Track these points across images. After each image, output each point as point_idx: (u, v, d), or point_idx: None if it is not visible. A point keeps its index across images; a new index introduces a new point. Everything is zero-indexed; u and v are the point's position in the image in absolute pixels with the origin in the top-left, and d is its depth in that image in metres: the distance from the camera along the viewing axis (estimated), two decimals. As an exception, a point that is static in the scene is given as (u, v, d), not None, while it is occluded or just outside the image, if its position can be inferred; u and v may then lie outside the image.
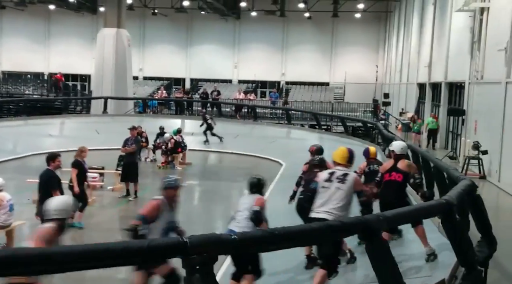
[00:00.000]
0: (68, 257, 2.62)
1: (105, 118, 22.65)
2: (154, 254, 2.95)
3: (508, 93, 14.70)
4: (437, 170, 7.82)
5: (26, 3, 38.82)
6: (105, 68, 24.94)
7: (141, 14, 43.53)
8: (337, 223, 3.95)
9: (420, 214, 5.04)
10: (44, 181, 8.63)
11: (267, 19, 42.41)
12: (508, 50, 14.60)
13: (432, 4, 26.53)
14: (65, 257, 2.62)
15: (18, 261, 2.48)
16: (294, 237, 3.53)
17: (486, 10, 17.29)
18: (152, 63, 45.11)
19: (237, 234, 3.38)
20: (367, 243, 3.92)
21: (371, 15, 42.35)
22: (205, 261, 3.04)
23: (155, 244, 2.96)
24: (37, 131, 20.46)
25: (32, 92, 34.88)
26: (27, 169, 16.46)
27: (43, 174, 8.78)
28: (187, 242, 2.98)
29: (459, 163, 18.01)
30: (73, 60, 44.58)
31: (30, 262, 2.52)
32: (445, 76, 23.02)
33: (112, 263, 2.79)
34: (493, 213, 8.12)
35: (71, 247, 2.68)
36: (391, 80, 40.51)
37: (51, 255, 2.59)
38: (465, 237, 4.91)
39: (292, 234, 3.51)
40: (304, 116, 27.63)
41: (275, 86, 42.82)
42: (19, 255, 2.50)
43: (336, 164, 6.08)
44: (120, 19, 25.17)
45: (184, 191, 14.79)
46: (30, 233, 9.94)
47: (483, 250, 5.58)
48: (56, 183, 8.68)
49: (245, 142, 20.67)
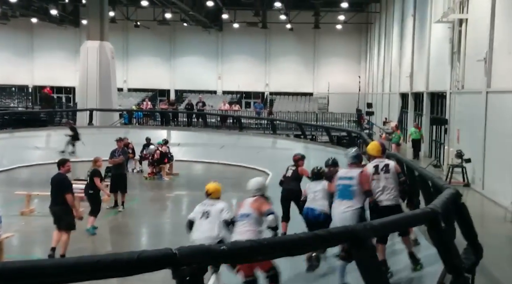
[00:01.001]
0: (60, 270, 2.62)
1: (91, 130, 22.55)
2: (144, 266, 2.96)
3: (488, 103, 14.96)
4: (422, 178, 7.90)
5: (9, 16, 38.58)
6: (89, 80, 24.86)
7: (123, 27, 43.52)
8: (325, 233, 3.99)
9: (406, 223, 5.10)
10: (57, 184, 9.02)
11: (250, 31, 42.72)
12: (487, 61, 14.88)
13: (412, 16, 26.94)
14: (57, 270, 2.61)
15: (9, 275, 2.47)
16: (283, 247, 3.56)
17: (464, 21, 17.59)
18: (136, 75, 45.05)
19: (226, 245, 3.40)
20: (355, 252, 3.96)
21: (352, 26, 42.88)
22: (194, 272, 3.06)
23: (145, 255, 2.96)
24: (23, 143, 20.34)
25: (17, 104, 34.58)
26: (14, 181, 16.33)
27: (55, 177, 9.12)
28: (177, 253, 2.99)
29: (443, 171, 18.22)
30: (57, 72, 44.36)
31: (21, 275, 2.51)
32: (426, 86, 23.33)
33: (103, 275, 2.79)
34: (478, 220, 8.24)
35: (63, 260, 2.68)
36: (373, 90, 40.94)
37: (43, 268, 2.58)
38: (451, 245, 4.98)
39: (280, 244, 3.54)
40: (289, 126, 27.75)
41: (260, 96, 43.02)
42: (10, 268, 2.49)
43: (373, 158, 7.00)
44: (103, 32, 25.15)
45: (172, 201, 14.83)
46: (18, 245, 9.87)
47: (470, 257, 5.65)
48: (68, 185, 9.11)
49: (231, 152, 20.72)
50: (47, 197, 13.58)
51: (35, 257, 8.81)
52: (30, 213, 12.29)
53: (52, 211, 9.05)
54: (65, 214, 8.89)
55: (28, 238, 10.83)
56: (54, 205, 9.03)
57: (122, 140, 13.99)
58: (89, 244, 10.23)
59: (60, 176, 9.12)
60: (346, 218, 6.31)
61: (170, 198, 15.04)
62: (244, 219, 6.20)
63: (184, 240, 10.07)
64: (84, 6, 34.24)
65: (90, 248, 9.93)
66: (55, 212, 9.00)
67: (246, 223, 6.17)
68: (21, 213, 12.06)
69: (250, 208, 6.25)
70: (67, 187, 8.99)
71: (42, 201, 13.40)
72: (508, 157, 13.26)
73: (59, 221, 8.96)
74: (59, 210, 8.94)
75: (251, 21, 41.28)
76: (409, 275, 6.22)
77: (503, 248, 10.11)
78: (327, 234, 3.90)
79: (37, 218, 12.07)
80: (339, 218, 6.44)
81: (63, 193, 8.86)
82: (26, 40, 45.71)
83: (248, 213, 6.22)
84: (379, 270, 3.98)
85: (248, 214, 6.22)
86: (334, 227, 5.18)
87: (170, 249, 2.96)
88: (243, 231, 6.07)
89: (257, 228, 6.16)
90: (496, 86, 14.51)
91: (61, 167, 9.17)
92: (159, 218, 13.06)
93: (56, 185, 9.02)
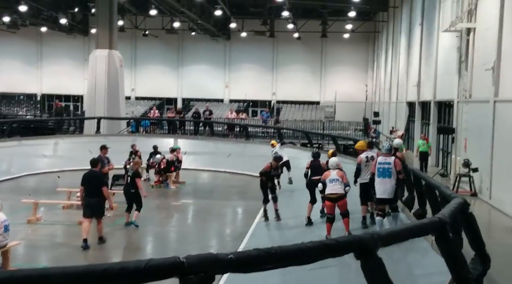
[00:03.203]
0: (67, 279, 2.62)
1: (98, 138, 22.62)
2: (151, 274, 2.96)
3: (496, 112, 14.89)
4: (429, 188, 7.88)
5: (18, 25, 38.96)
6: (98, 89, 24.98)
7: (132, 35, 43.83)
8: (333, 242, 3.98)
9: (414, 233, 5.08)
10: (93, 179, 10.50)
11: (257, 40, 42.86)
12: (495, 70, 14.84)
13: (419, 25, 26.94)
14: (65, 278, 2.62)
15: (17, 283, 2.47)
16: (291, 256, 3.55)
17: (472, 30, 17.56)
18: (144, 83, 45.27)
19: (233, 254, 3.40)
20: (362, 261, 3.94)
21: (359, 35, 42.94)
22: (202, 281, 3.05)
23: (152, 264, 2.97)
24: (31, 151, 20.43)
25: (26, 113, 34.88)
26: (22, 189, 16.41)
27: (91, 174, 10.62)
28: (184, 262, 2.99)
29: (450, 180, 18.13)
30: (65, 81, 44.67)
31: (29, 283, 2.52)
32: (434, 95, 23.27)
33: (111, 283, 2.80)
34: (485, 230, 8.18)
35: (71, 268, 2.69)
36: (380, 99, 40.88)
37: (51, 277, 2.59)
38: (459, 255, 4.94)
39: (288, 253, 3.53)
40: (295, 135, 27.75)
41: (266, 105, 43.07)
42: (18, 277, 2.50)
43: (361, 151, 10.72)
44: (111, 41, 25.31)
45: (179, 210, 14.84)
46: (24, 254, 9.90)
47: (477, 267, 5.61)
48: (104, 180, 11.11)
49: (237, 161, 20.72)
50: (54, 206, 13.70)
51: (42, 266, 8.83)
52: (37, 221, 12.33)
53: (88, 202, 10.39)
54: (100, 204, 10.48)
55: (35, 246, 10.84)
56: (90, 197, 10.37)
57: (106, 148, 13.62)
58: (96, 251, 10.23)
59: (96, 173, 10.69)
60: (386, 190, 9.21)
61: (176, 206, 15.05)
62: (336, 182, 9.66)
63: (191, 248, 10.11)
64: (93, 15, 34.54)
65: (97, 256, 9.93)
66: (90, 203, 10.35)
67: (337, 183, 9.64)
68: (27, 221, 12.11)
69: (337, 176, 9.74)
70: (104, 182, 10.85)
71: (49, 209, 13.48)
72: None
73: (95, 210, 10.40)
74: (95, 201, 10.38)
75: (259, 30, 41.43)
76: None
77: (511, 258, 10.02)
78: (335, 243, 3.88)
79: (44, 226, 12.11)
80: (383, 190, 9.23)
81: (100, 186, 10.41)
82: (35, 48, 46.11)
83: (337, 178, 9.70)
84: (387, 280, 3.96)
85: (337, 179, 9.69)
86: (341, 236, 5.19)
87: (177, 257, 2.96)
88: (336, 188, 9.61)
89: (343, 187, 9.63)
90: (504, 95, 14.46)
91: (96, 165, 10.77)
92: (165, 226, 13.06)
93: (93, 180, 10.45)
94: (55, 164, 20.14)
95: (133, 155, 18.04)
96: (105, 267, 2.78)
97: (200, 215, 14.20)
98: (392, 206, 9.27)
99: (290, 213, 12.12)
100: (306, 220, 10.89)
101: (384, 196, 9.14)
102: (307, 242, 3.68)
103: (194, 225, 13.48)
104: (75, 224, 12.00)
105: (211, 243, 11.37)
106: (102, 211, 10.64)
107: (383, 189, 9.13)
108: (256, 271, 5.36)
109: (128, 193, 12.17)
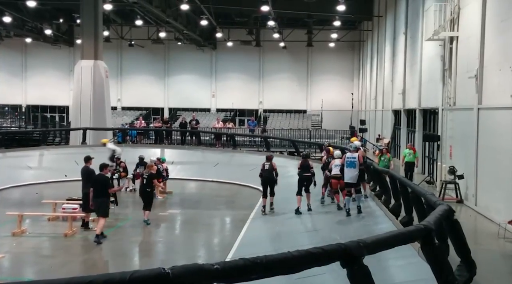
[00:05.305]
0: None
1: (84, 149, 22.44)
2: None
3: (480, 119, 15.08)
4: (415, 195, 7.93)
5: (3, 36, 38.70)
6: (83, 99, 24.85)
7: (118, 46, 43.75)
8: (319, 250, 3.99)
9: (400, 240, 5.11)
10: (100, 182, 11.75)
11: (243, 49, 43.03)
12: (478, 77, 15.04)
13: (403, 34, 27.25)
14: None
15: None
16: (277, 265, 3.55)
17: (455, 39, 17.80)
18: (130, 94, 45.14)
19: (219, 264, 3.39)
20: (348, 270, 3.95)
21: (344, 44, 43.32)
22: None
23: (137, 275, 2.95)
24: (16, 163, 20.21)
25: (10, 124, 34.53)
26: (6, 201, 16.18)
27: (98, 177, 11.84)
28: (170, 273, 2.98)
29: (436, 187, 18.25)
30: (50, 92, 44.41)
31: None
32: (419, 102, 23.51)
33: (95, 296, 2.77)
34: (471, 236, 8.25)
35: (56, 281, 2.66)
36: (366, 107, 41.18)
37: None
38: (445, 262, 4.98)
39: (274, 262, 3.53)
40: (283, 144, 27.81)
41: (253, 114, 43.15)
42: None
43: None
44: (97, 51, 25.23)
45: (166, 220, 14.75)
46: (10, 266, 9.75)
47: (463, 274, 5.64)
48: (110, 183, 12.65)
49: (225, 170, 20.68)
50: (39, 218, 13.54)
51: (27, 279, 8.71)
52: (22, 233, 12.17)
53: (94, 202, 11.76)
54: (105, 204, 11.83)
55: (20, 259, 10.69)
56: (97, 197, 11.68)
57: (90, 159, 13.22)
58: (78, 265, 10.11)
59: (103, 176, 11.89)
60: (352, 176, 11.60)
61: (163, 217, 14.95)
62: (338, 167, 12.18)
63: (179, 259, 10.04)
64: (78, 26, 34.40)
65: (80, 269, 9.81)
66: (96, 202, 11.72)
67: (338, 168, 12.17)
68: (12, 234, 11.95)
69: (339, 163, 12.23)
70: (109, 184, 12.41)
71: (34, 222, 13.32)
72: (500, 173, 13.33)
73: (99, 209, 11.71)
74: (101, 201, 11.68)
75: (245, 40, 41.62)
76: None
77: (496, 264, 10.10)
78: (321, 252, 3.89)
79: (29, 239, 11.96)
80: (350, 176, 11.62)
81: (107, 188, 11.83)
82: (19, 59, 45.83)
83: (338, 165, 12.17)
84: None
85: (338, 165, 12.21)
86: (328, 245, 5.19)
87: (163, 268, 2.95)
88: (338, 171, 12.12)
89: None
90: (487, 102, 14.65)
91: (104, 169, 11.95)
92: (152, 236, 12.97)
93: (100, 182, 11.72)
94: (40, 176, 19.94)
95: (139, 165, 17.99)
96: (90, 279, 2.76)
97: (188, 225, 14.12)
98: (356, 189, 11.63)
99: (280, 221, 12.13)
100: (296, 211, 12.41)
101: (351, 181, 11.66)
102: (293, 251, 3.69)
103: (181, 236, 13.40)
104: (61, 236, 11.89)
105: (198, 253, 11.30)
106: (105, 210, 11.77)
107: (350, 176, 11.68)
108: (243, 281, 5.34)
109: (144, 192, 13.48)
